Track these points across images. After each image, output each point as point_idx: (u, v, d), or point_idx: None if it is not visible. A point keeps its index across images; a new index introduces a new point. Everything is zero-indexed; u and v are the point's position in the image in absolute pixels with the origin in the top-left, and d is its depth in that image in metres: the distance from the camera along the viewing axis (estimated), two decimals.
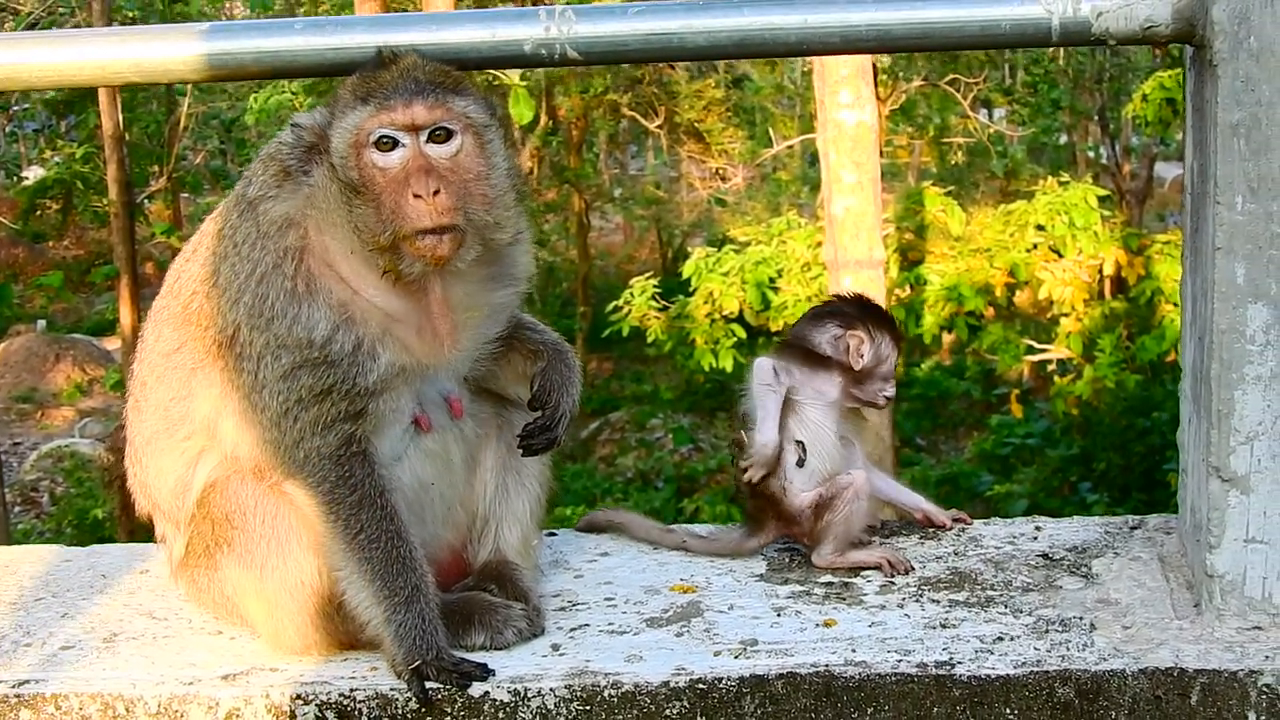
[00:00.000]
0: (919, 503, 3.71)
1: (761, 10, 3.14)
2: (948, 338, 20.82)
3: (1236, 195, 2.96)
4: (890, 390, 3.61)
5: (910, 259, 18.21)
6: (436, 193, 2.95)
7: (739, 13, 3.14)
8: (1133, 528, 3.60)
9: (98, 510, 19.06)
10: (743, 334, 17.25)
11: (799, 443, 3.48)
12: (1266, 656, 2.96)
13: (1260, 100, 2.92)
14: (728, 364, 16.97)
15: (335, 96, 3.11)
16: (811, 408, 3.51)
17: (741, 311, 17.23)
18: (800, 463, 3.48)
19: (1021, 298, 20.72)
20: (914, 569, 3.45)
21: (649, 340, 18.27)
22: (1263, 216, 2.96)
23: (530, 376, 3.31)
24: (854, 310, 3.63)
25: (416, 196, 2.95)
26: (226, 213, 3.18)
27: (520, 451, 3.29)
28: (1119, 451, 17.86)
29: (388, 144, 2.99)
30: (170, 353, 3.21)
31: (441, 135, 3.01)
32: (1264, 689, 2.92)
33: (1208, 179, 3.03)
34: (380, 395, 3.07)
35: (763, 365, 3.53)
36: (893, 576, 3.41)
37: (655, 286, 18.30)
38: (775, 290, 17.17)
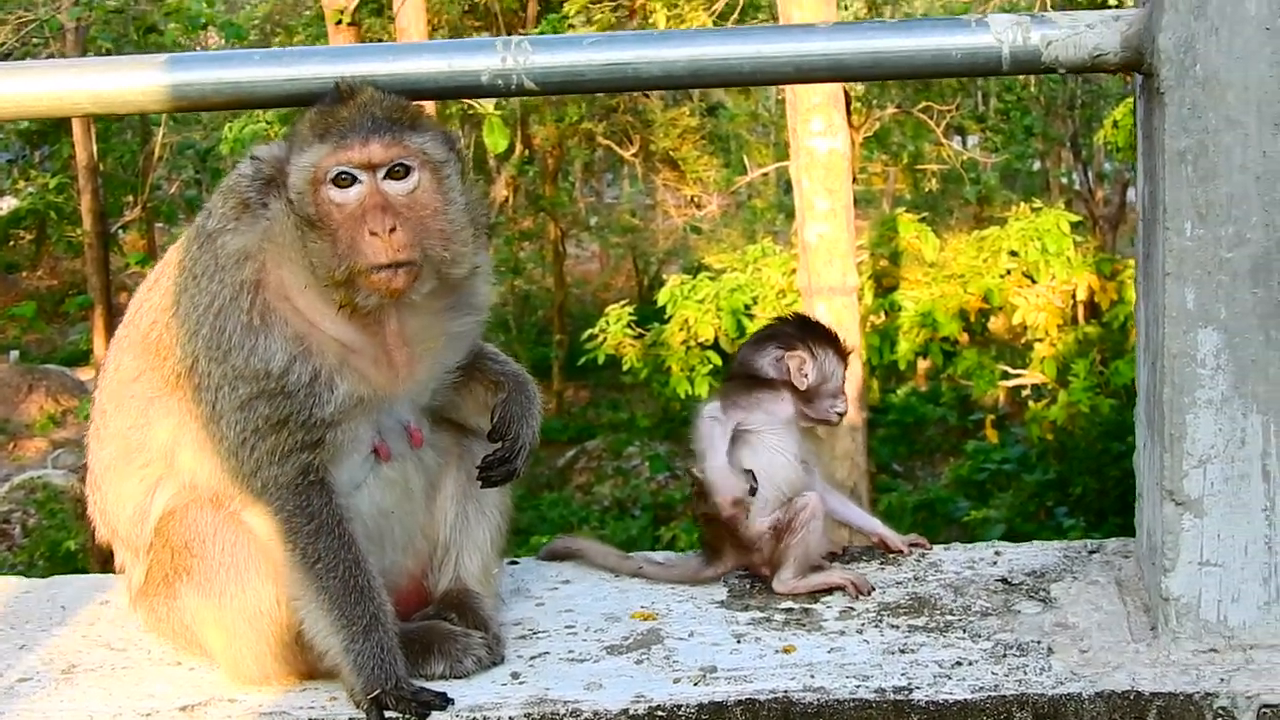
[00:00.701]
0: (875, 526, 3.72)
1: (716, 40, 3.17)
2: (923, 364, 20.90)
3: (1185, 221, 2.98)
4: (841, 406, 3.62)
5: (884, 285, 18.31)
6: (393, 230, 2.96)
7: (693, 43, 3.17)
8: (1091, 552, 3.61)
9: (70, 542, 18.89)
10: (719, 361, 17.25)
11: (748, 471, 3.49)
12: (1221, 679, 2.98)
13: (1207, 127, 2.95)
14: (703, 391, 16.95)
15: (293, 131, 3.12)
16: (768, 434, 3.53)
17: (717, 338, 17.25)
18: (752, 491, 3.48)
19: (995, 323, 20.85)
20: (875, 588, 3.46)
21: (625, 368, 18.27)
22: (1211, 242, 2.98)
23: (491, 407, 3.31)
24: (794, 330, 3.65)
25: (373, 234, 2.96)
26: (187, 244, 3.19)
27: (480, 483, 3.30)
28: (1094, 476, 17.94)
29: (345, 180, 3.00)
30: (130, 381, 3.21)
31: (399, 172, 3.02)
32: (1219, 711, 2.93)
33: (1157, 205, 3.05)
34: (338, 425, 3.08)
35: (709, 408, 3.55)
36: (855, 597, 3.42)
37: (631, 314, 18.31)
38: (750, 317, 17.17)
